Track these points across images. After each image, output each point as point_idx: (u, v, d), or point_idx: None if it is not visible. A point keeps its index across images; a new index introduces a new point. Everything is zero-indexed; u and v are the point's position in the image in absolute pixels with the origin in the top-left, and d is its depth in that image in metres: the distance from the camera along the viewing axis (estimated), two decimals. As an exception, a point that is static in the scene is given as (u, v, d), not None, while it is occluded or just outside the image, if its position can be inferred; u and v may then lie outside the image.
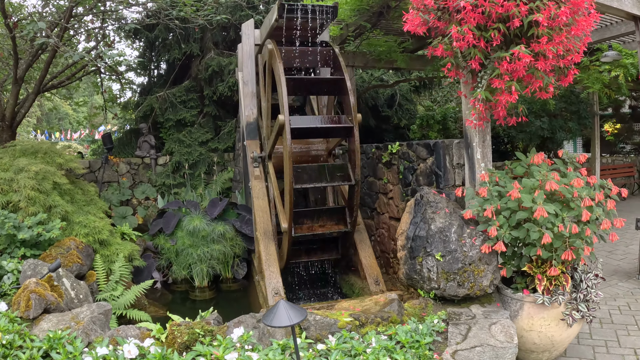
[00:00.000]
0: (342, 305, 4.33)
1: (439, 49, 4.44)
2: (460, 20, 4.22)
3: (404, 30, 4.69)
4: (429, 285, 4.44)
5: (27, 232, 5.45)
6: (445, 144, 5.26)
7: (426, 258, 4.42)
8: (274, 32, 6.28)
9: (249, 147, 6.85)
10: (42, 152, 7.09)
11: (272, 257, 5.75)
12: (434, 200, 4.70)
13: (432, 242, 4.42)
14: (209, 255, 6.93)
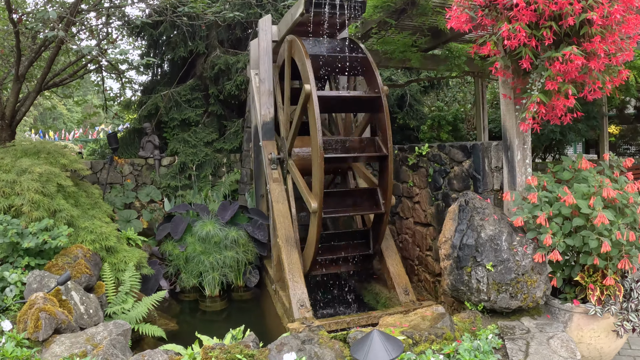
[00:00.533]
0: (387, 321, 3.92)
1: (487, 47, 4.13)
2: (510, 18, 3.93)
3: (447, 27, 4.39)
4: (477, 297, 4.08)
5: (32, 240, 4.96)
6: (484, 146, 4.89)
7: (475, 268, 4.06)
8: (296, 28, 5.87)
9: (266, 148, 6.41)
10: (45, 152, 6.59)
11: (295, 265, 5.32)
12: (481, 206, 4.33)
13: (482, 251, 4.06)
14: (221, 262, 6.47)
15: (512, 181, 4.73)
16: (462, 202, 4.42)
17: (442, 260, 4.40)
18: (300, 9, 5.29)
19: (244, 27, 9.81)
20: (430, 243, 5.76)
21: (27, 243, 4.85)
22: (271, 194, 5.91)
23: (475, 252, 4.11)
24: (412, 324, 3.88)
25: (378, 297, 5.85)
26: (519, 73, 4.47)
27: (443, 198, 5.45)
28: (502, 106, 4.79)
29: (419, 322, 3.92)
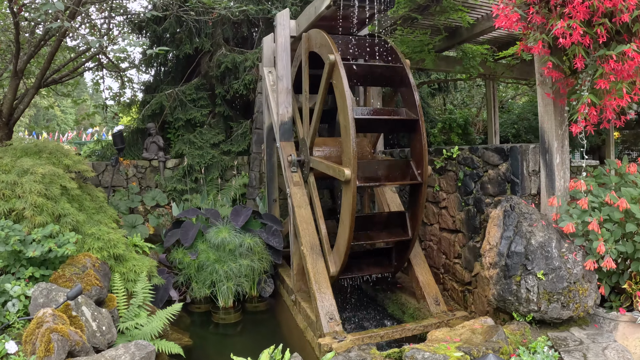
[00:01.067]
0: (436, 336, 3.59)
1: (538, 46, 3.82)
2: (562, 15, 3.65)
3: (495, 26, 4.11)
4: (526, 308, 3.80)
5: (37, 248, 4.51)
6: (523, 148, 4.57)
7: (525, 277, 3.77)
8: (318, 23, 5.51)
9: (284, 150, 6.03)
10: (47, 152, 6.15)
11: (322, 275, 4.95)
12: (527, 211, 4.04)
13: (532, 258, 3.77)
14: (237, 271, 6.06)
15: (551, 185, 4.44)
16: (507, 207, 4.11)
17: (486, 270, 4.08)
18: (326, 1, 4.94)
19: (252, 24, 9.43)
20: (459, 250, 5.42)
21: (32, 252, 4.40)
22: (292, 198, 5.54)
23: (525, 260, 3.84)
24: (463, 338, 3.56)
25: (404, 307, 5.50)
26: (565, 73, 4.20)
27: (475, 203, 5.13)
28: (541, 107, 4.52)
29: (470, 336, 3.61)
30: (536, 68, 4.52)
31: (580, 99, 3.93)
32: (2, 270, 4.51)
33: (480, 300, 4.97)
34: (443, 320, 4.78)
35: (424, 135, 4.90)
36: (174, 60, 9.36)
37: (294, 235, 5.71)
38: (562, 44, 3.64)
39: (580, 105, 3.90)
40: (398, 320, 5.54)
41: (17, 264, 4.56)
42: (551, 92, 4.36)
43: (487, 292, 4.08)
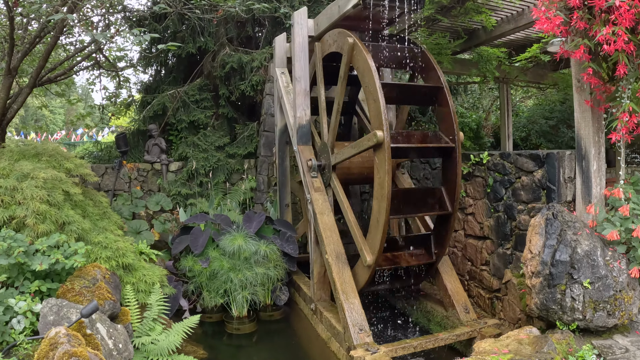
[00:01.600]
0: (483, 348, 3.48)
1: (579, 51, 3.74)
2: (607, 21, 3.58)
3: (537, 28, 4.01)
4: (570, 317, 3.75)
5: (44, 261, 4.22)
6: (560, 155, 4.50)
7: (571, 286, 3.71)
8: (341, 22, 5.38)
9: (303, 154, 5.88)
10: (46, 155, 5.90)
11: (349, 284, 4.81)
12: (571, 219, 3.96)
13: (579, 267, 3.72)
14: (252, 280, 5.88)
15: (587, 192, 4.38)
16: (548, 215, 4.03)
17: (528, 278, 4.00)
18: (353, 1, 4.80)
19: (257, 23, 9.25)
20: (487, 257, 5.34)
21: (39, 265, 4.13)
22: (314, 204, 5.38)
23: (571, 268, 3.78)
24: (511, 349, 3.45)
25: (430, 315, 5.39)
26: (604, 80, 4.14)
27: (505, 210, 5.04)
28: (577, 114, 4.46)
29: (518, 347, 3.51)
30: (573, 74, 4.45)
31: (620, 106, 3.87)
32: (3, 284, 4.21)
33: (511, 308, 4.89)
34: (475, 329, 4.69)
35: (459, 164, 4.81)
36: (174, 60, 9.11)
37: (314, 243, 5.56)
38: (605, 50, 3.57)
39: (621, 112, 3.84)
40: (423, 328, 5.43)
41: (20, 277, 4.23)
42: (589, 98, 4.29)
43: (529, 300, 3.99)
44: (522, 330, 3.77)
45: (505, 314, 5.02)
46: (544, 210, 4.13)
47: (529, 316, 4.61)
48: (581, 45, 3.72)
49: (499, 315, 5.15)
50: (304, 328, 5.84)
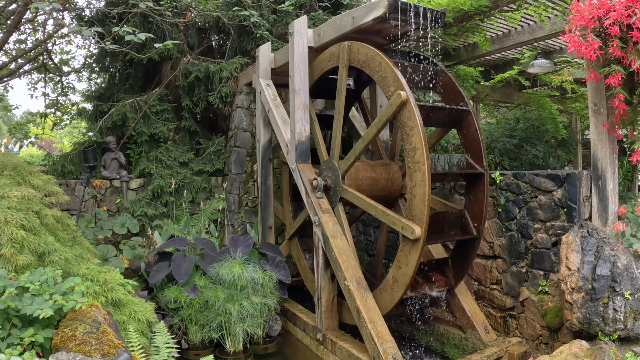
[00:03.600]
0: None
1: (617, 77, 4.03)
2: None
3: (569, 50, 4.25)
4: (612, 327, 4.01)
5: (44, 305, 3.61)
6: (579, 175, 4.80)
7: (613, 298, 3.97)
8: (352, 35, 5.35)
9: (303, 172, 5.71)
10: (9, 169, 5.22)
11: (375, 312, 4.71)
12: (605, 236, 4.22)
13: (620, 280, 3.99)
14: (251, 311, 5.55)
15: (604, 210, 4.70)
16: (583, 232, 4.25)
17: (568, 294, 4.18)
18: (375, 13, 4.81)
19: (221, 31, 8.93)
20: (498, 276, 5.51)
21: (44, 312, 3.51)
22: (324, 227, 5.23)
23: (613, 282, 4.04)
24: None
25: (444, 338, 5.43)
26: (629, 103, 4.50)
27: (519, 229, 5.26)
28: (594, 136, 4.78)
29: (581, 358, 3.62)
30: (590, 98, 4.77)
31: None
32: None
33: (529, 325, 5.09)
34: (502, 348, 4.82)
35: (487, 188, 4.95)
36: (134, 66, 8.47)
37: (323, 268, 5.39)
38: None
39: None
40: (435, 352, 5.45)
41: (6, 325, 3.54)
42: (606, 122, 4.62)
43: (569, 315, 4.17)
44: (572, 344, 3.92)
45: (522, 332, 5.20)
46: (576, 228, 4.36)
47: (553, 330, 4.81)
48: (619, 73, 4.00)
49: (513, 333, 5.32)
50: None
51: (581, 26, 4.04)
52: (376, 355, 4.45)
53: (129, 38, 5.13)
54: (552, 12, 5.73)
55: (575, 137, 10.31)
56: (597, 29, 3.97)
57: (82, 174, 6.95)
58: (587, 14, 3.88)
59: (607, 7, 3.78)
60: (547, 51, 7.35)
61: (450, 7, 5.45)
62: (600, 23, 3.94)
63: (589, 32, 4.09)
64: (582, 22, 4.00)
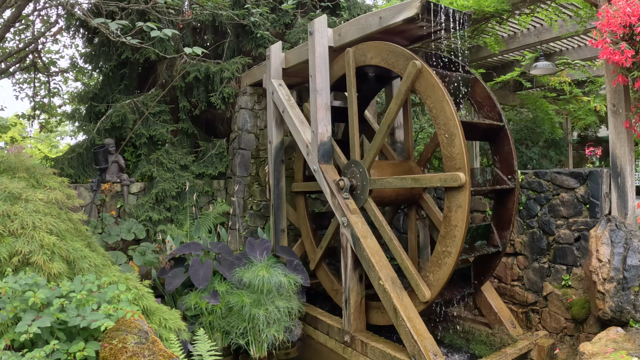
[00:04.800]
0: (591, 350, 3.84)
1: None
2: None
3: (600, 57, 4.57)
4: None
5: (95, 316, 3.44)
6: (601, 172, 5.15)
7: None
8: (377, 35, 5.54)
9: (327, 173, 5.86)
10: (22, 170, 5.13)
11: (412, 310, 4.91)
12: (631, 229, 4.57)
13: None
14: (278, 315, 5.63)
15: (623, 205, 5.06)
16: (612, 226, 4.60)
17: (600, 284, 4.48)
18: (407, 13, 5.01)
19: (217, 31, 8.94)
20: (519, 272, 5.82)
21: (104, 322, 3.36)
22: (353, 228, 5.39)
23: (642, 271, 4.33)
24: (615, 347, 3.88)
25: (469, 335, 5.69)
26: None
27: (541, 226, 5.58)
28: (612, 135, 5.13)
29: (618, 345, 3.95)
30: (608, 99, 5.14)
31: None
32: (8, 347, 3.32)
33: (553, 318, 5.42)
34: (531, 342, 5.11)
35: (517, 204, 5.20)
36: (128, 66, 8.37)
37: (351, 270, 5.54)
38: None
39: None
40: (460, 349, 5.68)
41: (50, 339, 3.36)
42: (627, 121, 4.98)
43: (601, 305, 4.49)
44: (609, 331, 4.24)
45: (545, 325, 5.51)
46: (603, 222, 4.70)
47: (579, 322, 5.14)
48: (645, 79, 4.35)
49: (536, 328, 5.63)
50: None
51: (611, 32, 4.36)
52: (416, 353, 4.63)
53: (155, 34, 5.13)
54: (563, 15, 6.09)
55: (566, 137, 10.87)
56: (627, 34, 4.30)
57: (93, 177, 6.84)
58: (619, 20, 4.19)
59: (638, 14, 4.11)
60: (548, 53, 7.78)
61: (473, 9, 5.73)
62: (630, 30, 4.27)
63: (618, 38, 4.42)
64: (613, 28, 4.31)
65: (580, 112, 9.44)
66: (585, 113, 9.39)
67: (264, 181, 8.15)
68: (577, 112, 9.47)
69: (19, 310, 3.31)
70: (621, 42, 4.26)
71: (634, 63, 4.32)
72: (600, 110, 9.35)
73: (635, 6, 4.12)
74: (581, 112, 9.43)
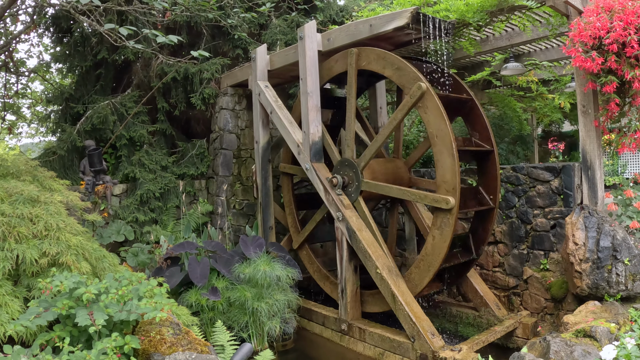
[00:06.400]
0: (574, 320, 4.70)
1: (612, 86, 5.21)
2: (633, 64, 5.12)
3: (573, 64, 5.40)
4: (616, 289, 5.22)
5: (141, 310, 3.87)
6: (573, 166, 6.07)
7: (616, 265, 5.19)
8: (367, 41, 6.25)
9: (319, 171, 6.51)
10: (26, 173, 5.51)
11: (408, 295, 5.63)
12: (603, 215, 5.48)
13: (620, 250, 5.22)
14: (279, 307, 6.23)
15: (594, 195, 5.98)
16: (585, 213, 5.49)
17: (577, 264, 5.35)
18: (397, 23, 5.74)
19: (192, 31, 9.39)
20: (500, 259, 6.68)
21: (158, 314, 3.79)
22: (348, 221, 6.06)
23: (614, 252, 5.26)
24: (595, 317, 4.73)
25: (457, 319, 6.48)
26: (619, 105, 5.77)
27: (519, 216, 6.45)
28: (582, 133, 6.01)
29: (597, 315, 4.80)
30: (579, 101, 6.00)
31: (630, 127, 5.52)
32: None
33: (534, 300, 6.31)
34: (516, 320, 5.95)
35: (498, 164, 6.03)
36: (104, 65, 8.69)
37: (347, 261, 6.21)
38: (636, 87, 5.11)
39: (632, 131, 5.49)
40: (450, 331, 6.48)
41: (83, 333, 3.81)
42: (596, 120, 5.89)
43: (579, 282, 5.33)
44: (587, 304, 5.09)
45: (526, 306, 6.39)
46: (578, 210, 5.59)
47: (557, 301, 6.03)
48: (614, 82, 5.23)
49: (518, 309, 6.50)
50: (331, 351, 6.38)
51: (582, 42, 5.23)
52: (415, 333, 5.36)
53: (160, 40, 5.60)
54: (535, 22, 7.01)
55: (532, 133, 11.98)
56: (596, 45, 5.18)
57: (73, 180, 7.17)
58: (590, 32, 5.06)
59: (607, 28, 4.99)
60: (517, 54, 8.75)
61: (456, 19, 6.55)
62: (599, 41, 5.15)
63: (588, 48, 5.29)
64: (584, 39, 5.18)
65: (546, 109, 10.54)
66: (551, 110, 10.49)
67: (245, 180, 8.70)
68: (544, 109, 10.55)
69: (67, 307, 3.73)
70: (592, 51, 5.14)
71: (602, 70, 5.20)
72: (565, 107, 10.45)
73: (604, 21, 5.00)
74: (547, 109, 10.52)
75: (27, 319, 3.47)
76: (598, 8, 5.19)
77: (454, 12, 6.12)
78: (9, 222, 4.27)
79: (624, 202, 5.82)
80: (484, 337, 5.52)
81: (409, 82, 5.69)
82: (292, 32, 9.13)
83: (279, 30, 9.16)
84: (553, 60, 8.59)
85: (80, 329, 3.78)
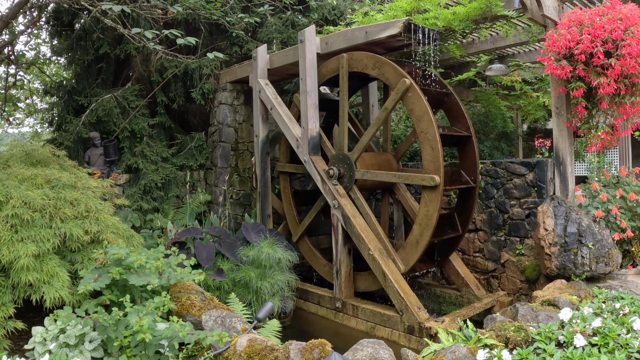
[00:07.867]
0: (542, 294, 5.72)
1: (580, 91, 6.30)
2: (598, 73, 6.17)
3: (546, 71, 6.49)
4: (581, 270, 6.30)
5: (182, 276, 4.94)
6: (546, 162, 7.22)
7: (581, 248, 6.28)
8: (362, 46, 7.31)
9: (317, 164, 7.55)
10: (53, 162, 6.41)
11: (397, 274, 6.72)
12: (570, 205, 6.62)
13: (585, 235, 6.32)
14: (281, 286, 7.27)
15: (565, 188, 7.14)
16: (555, 203, 6.63)
17: (546, 248, 6.47)
18: (391, 31, 6.81)
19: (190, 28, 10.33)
20: (480, 245, 7.82)
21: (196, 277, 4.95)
22: (343, 209, 7.13)
23: (579, 237, 6.35)
24: (560, 292, 5.82)
25: (440, 299, 7.61)
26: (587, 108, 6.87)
27: (497, 206, 7.60)
28: (556, 132, 7.11)
29: (562, 291, 5.90)
30: (553, 103, 7.10)
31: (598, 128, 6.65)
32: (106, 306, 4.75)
33: (510, 282, 7.45)
34: (494, 299, 7.07)
35: (477, 148, 7.15)
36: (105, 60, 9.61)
37: (342, 245, 7.28)
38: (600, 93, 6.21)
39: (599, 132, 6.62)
40: (434, 310, 7.60)
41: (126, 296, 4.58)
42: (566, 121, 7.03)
43: (548, 264, 6.43)
44: (555, 283, 6.20)
45: (504, 288, 7.53)
46: (548, 200, 6.72)
47: (531, 282, 7.17)
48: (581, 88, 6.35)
49: (496, 290, 7.65)
50: (327, 327, 7.45)
51: (555, 51, 6.35)
52: (403, 307, 6.45)
53: (180, 42, 6.56)
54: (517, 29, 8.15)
55: (517, 130, 13.19)
56: (567, 54, 6.30)
57: (101, 169, 8.11)
58: (561, 43, 6.18)
59: (576, 40, 6.12)
60: (502, 56, 9.91)
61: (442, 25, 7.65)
62: (569, 51, 6.26)
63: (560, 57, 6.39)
64: (556, 49, 6.30)
65: (530, 107, 11.71)
66: (534, 108, 11.67)
67: (242, 172, 9.71)
68: (528, 107, 11.72)
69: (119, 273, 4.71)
70: (562, 60, 6.26)
71: (572, 76, 6.32)
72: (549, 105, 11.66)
73: (574, 33, 6.12)
74: (531, 107, 11.70)
75: (88, 282, 4.44)
76: (570, 22, 6.29)
77: (442, 20, 7.21)
78: (55, 204, 5.21)
79: (590, 194, 6.97)
80: (464, 311, 6.64)
81: (394, 80, 6.78)
82: (287, 31, 10.15)
83: (275, 29, 10.16)
84: (536, 62, 9.76)
85: (126, 292, 4.80)
